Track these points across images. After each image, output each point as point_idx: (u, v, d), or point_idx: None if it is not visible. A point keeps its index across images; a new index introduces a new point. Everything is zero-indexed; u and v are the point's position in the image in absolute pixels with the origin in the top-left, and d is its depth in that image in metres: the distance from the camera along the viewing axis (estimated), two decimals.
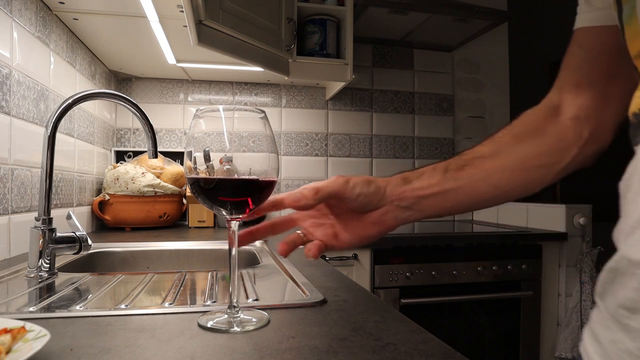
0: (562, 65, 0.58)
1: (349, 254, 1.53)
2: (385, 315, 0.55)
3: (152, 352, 0.42)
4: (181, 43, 1.52)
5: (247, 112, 0.50)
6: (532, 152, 0.53)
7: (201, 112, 0.49)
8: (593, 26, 0.53)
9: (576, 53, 0.56)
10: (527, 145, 0.53)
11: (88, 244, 0.82)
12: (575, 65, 0.55)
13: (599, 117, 0.54)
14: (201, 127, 0.49)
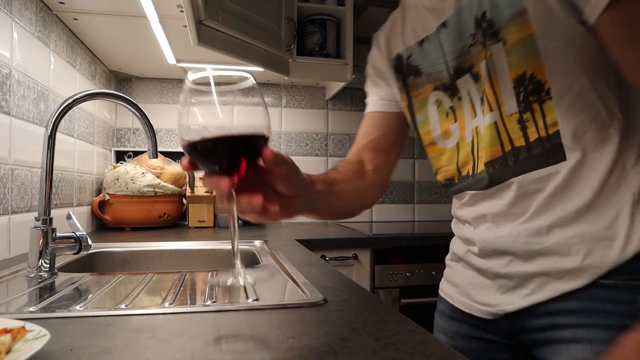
0: (361, 132, 0.84)
1: (349, 254, 1.53)
2: (385, 315, 0.55)
3: (152, 352, 0.42)
4: (181, 43, 1.52)
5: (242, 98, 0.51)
6: (359, 187, 0.77)
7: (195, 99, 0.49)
8: (381, 111, 0.82)
9: (372, 128, 0.83)
10: (357, 182, 0.77)
11: (88, 244, 0.82)
12: (373, 136, 0.82)
13: (386, 172, 0.83)
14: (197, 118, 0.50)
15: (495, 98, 0.62)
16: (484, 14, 0.60)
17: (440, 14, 0.67)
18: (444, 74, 0.71)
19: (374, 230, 1.78)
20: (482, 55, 0.62)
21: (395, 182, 2.27)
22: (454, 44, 0.66)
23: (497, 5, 0.58)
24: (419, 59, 0.74)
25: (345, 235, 1.59)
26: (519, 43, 0.57)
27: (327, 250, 1.50)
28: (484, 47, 0.61)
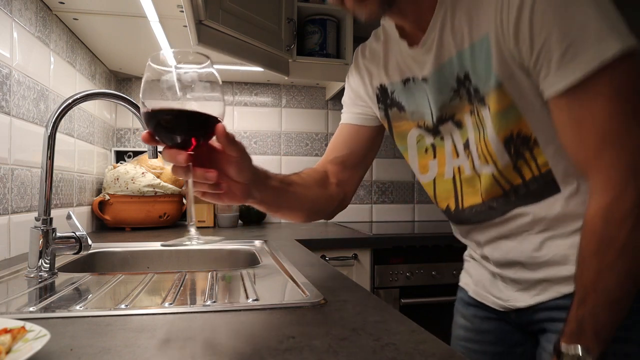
0: (332, 144, 0.88)
1: (349, 254, 1.53)
2: (385, 315, 0.55)
3: (152, 352, 0.42)
4: (181, 43, 1.52)
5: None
6: (319, 196, 0.82)
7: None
8: (355, 124, 0.84)
9: (342, 144, 0.86)
10: (317, 190, 0.81)
11: (88, 244, 0.82)
12: (342, 153, 0.86)
13: (349, 187, 0.87)
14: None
15: (489, 154, 0.67)
16: (466, 74, 0.64)
17: (422, 66, 0.69)
18: (427, 117, 0.74)
19: (374, 230, 1.78)
20: (466, 108, 0.67)
21: (395, 182, 2.27)
22: (436, 97, 0.70)
23: (478, 72, 0.62)
24: (403, 97, 0.76)
25: (345, 235, 1.60)
26: (502, 111, 0.61)
27: (327, 250, 1.50)
28: (470, 102, 0.66)
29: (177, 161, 0.56)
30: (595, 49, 0.49)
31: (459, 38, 0.63)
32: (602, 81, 0.50)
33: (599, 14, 0.49)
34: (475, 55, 0.62)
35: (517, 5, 0.53)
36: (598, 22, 0.49)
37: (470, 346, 0.84)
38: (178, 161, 0.56)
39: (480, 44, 0.60)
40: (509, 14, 0.55)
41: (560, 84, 0.53)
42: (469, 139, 0.70)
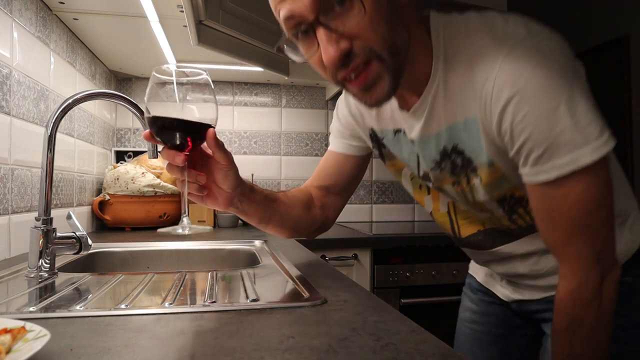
0: (319, 170, 0.92)
1: (349, 254, 1.53)
2: (385, 315, 0.55)
3: (152, 352, 0.42)
4: (181, 43, 1.52)
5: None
6: (301, 216, 0.87)
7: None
8: (339, 152, 0.88)
9: (329, 172, 0.90)
10: (300, 211, 0.86)
11: (88, 244, 0.82)
12: (328, 182, 0.90)
13: (332, 212, 0.92)
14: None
15: (483, 208, 0.72)
16: (455, 146, 0.66)
17: (410, 129, 0.71)
18: (414, 170, 0.78)
19: (374, 230, 1.78)
20: (447, 180, 0.72)
21: (395, 182, 2.27)
22: (423, 159, 0.73)
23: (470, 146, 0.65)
24: (393, 145, 0.79)
25: (345, 235, 1.60)
26: (495, 182, 0.66)
27: (327, 250, 1.50)
28: (452, 175, 0.70)
29: (175, 161, 0.65)
30: (569, 158, 0.54)
31: (450, 112, 0.64)
32: (573, 182, 0.55)
33: (575, 125, 0.53)
34: (467, 131, 0.63)
35: (502, 105, 0.56)
36: (574, 134, 0.53)
37: (476, 327, 0.93)
38: (175, 161, 0.64)
39: (472, 122, 0.62)
40: (492, 110, 0.57)
41: (536, 177, 0.57)
42: (454, 200, 0.77)
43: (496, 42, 0.57)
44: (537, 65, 0.54)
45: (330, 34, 0.55)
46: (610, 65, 2.94)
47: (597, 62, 3.05)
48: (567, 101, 0.53)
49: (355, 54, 0.57)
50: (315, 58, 0.60)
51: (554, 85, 0.53)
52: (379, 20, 0.56)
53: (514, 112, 0.55)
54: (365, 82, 0.59)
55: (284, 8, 0.57)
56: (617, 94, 2.90)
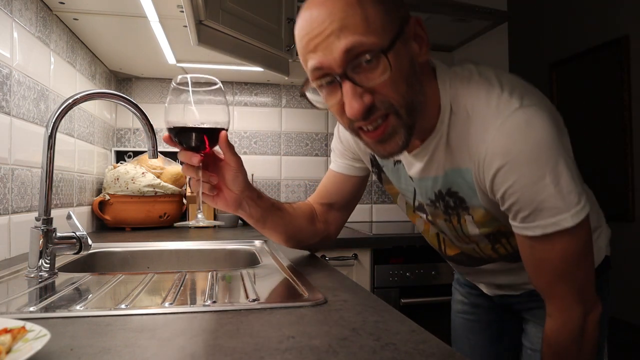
0: (322, 187, 0.97)
1: (349, 254, 1.53)
2: (385, 315, 0.55)
3: (152, 352, 0.42)
4: (181, 43, 1.52)
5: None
6: (305, 227, 0.92)
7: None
8: (341, 173, 0.93)
9: (331, 190, 0.95)
10: (303, 222, 0.92)
11: (88, 244, 0.81)
12: (331, 200, 0.95)
13: (335, 226, 0.98)
14: None
15: (469, 240, 0.79)
16: (450, 189, 0.72)
17: (409, 167, 0.76)
18: (409, 199, 0.85)
19: (374, 230, 1.78)
20: (440, 216, 0.78)
21: None
22: (419, 194, 0.79)
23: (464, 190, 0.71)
24: (391, 174, 0.84)
25: (345, 235, 1.59)
26: (487, 221, 0.73)
27: (327, 250, 1.50)
28: (445, 214, 0.77)
29: (191, 161, 0.71)
30: (553, 220, 0.61)
31: (448, 161, 0.69)
32: (556, 239, 0.62)
33: (558, 193, 0.59)
34: (463, 178, 0.69)
35: (493, 171, 0.62)
36: (557, 201, 0.60)
37: (468, 317, 1.04)
38: (192, 161, 0.71)
39: (467, 172, 0.68)
40: (484, 171, 0.63)
41: (523, 231, 0.64)
42: (445, 233, 0.83)
43: (492, 111, 0.62)
44: (526, 138, 0.59)
45: (356, 88, 0.59)
46: (610, 65, 2.94)
47: (597, 62, 3.05)
48: (552, 171, 0.59)
49: (376, 108, 0.60)
50: (336, 107, 0.63)
51: (541, 157, 0.59)
52: (400, 79, 0.60)
53: (503, 179, 0.61)
54: (381, 135, 0.62)
55: (314, 59, 0.60)
56: (617, 94, 2.90)
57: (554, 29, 3.42)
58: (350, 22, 0.57)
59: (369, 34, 0.57)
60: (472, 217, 0.73)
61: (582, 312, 0.66)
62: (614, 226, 0.96)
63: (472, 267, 0.90)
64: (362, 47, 0.57)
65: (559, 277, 0.65)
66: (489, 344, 1.00)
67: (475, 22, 1.94)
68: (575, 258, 0.64)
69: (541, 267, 0.66)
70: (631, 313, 2.67)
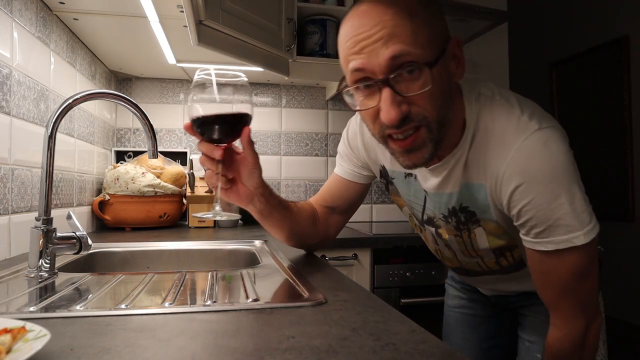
0: (325, 190, 0.97)
1: (349, 254, 1.53)
2: (385, 315, 0.55)
3: (152, 352, 0.42)
4: (181, 43, 1.52)
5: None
6: (306, 228, 0.93)
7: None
8: (346, 178, 0.93)
9: (335, 194, 0.95)
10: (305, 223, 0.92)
11: (88, 244, 0.81)
12: (334, 200, 0.95)
13: (335, 229, 0.99)
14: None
15: (475, 254, 0.82)
16: (462, 205, 0.74)
17: (425, 181, 0.77)
18: (417, 212, 0.86)
19: (374, 230, 1.78)
20: (450, 231, 0.80)
21: None
22: (431, 208, 0.80)
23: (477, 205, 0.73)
24: (401, 186, 0.85)
25: (345, 235, 1.59)
26: (497, 234, 0.76)
27: (327, 250, 1.50)
28: (456, 229, 0.79)
29: (213, 154, 0.70)
30: (566, 237, 0.63)
31: (465, 176, 0.71)
32: (566, 255, 0.65)
33: (573, 212, 0.62)
34: (477, 193, 0.71)
35: (511, 189, 0.64)
36: (571, 220, 0.62)
37: (465, 311, 1.05)
38: (213, 154, 0.70)
39: (479, 187, 0.70)
40: (502, 188, 0.66)
41: (535, 246, 0.67)
42: (451, 247, 0.85)
43: (511, 131, 0.65)
44: (545, 159, 0.62)
45: (395, 96, 0.59)
46: (610, 65, 2.94)
47: (597, 62, 3.05)
48: (567, 191, 0.62)
49: (410, 119, 0.61)
50: (371, 112, 0.63)
51: (558, 177, 0.62)
52: (438, 94, 0.61)
53: (521, 196, 0.64)
54: (410, 145, 0.63)
55: (357, 61, 0.60)
56: (617, 94, 2.90)
57: (554, 29, 3.41)
58: (399, 32, 0.58)
59: (416, 46, 0.58)
60: (484, 228, 0.75)
61: (585, 322, 0.70)
62: (614, 226, 0.97)
63: (470, 277, 0.92)
64: (408, 57, 0.58)
65: (565, 290, 0.68)
66: (484, 338, 1.02)
67: (475, 22, 1.94)
68: (582, 273, 0.66)
69: (548, 280, 0.69)
70: (631, 313, 2.67)
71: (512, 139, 0.64)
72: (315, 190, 2.14)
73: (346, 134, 0.92)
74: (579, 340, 0.70)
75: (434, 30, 0.61)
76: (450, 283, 1.12)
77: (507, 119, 0.66)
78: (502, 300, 0.96)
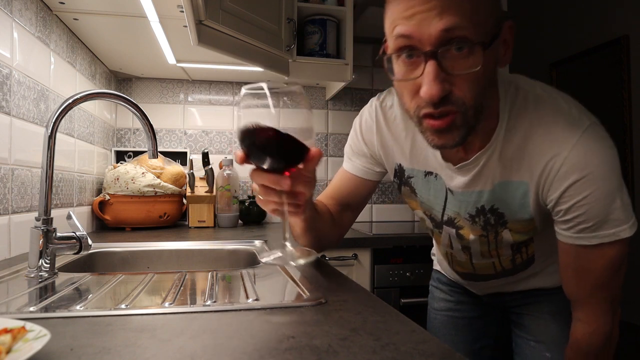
0: (335, 187, 0.92)
1: (349, 253, 1.53)
2: (385, 315, 0.55)
3: (152, 352, 0.42)
4: (181, 43, 1.52)
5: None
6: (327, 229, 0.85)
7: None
8: (355, 175, 0.89)
9: (345, 189, 0.91)
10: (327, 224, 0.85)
11: (88, 244, 0.81)
12: (345, 198, 0.91)
13: (346, 227, 0.94)
14: None
15: (496, 254, 0.81)
16: (493, 206, 0.72)
17: (451, 180, 0.74)
18: (436, 212, 0.82)
19: (374, 230, 1.78)
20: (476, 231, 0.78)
21: None
22: (455, 207, 0.77)
23: (509, 204, 0.71)
24: (419, 185, 0.81)
25: (345, 235, 1.59)
26: (523, 232, 0.75)
27: (327, 250, 1.50)
28: (483, 229, 0.76)
29: (281, 185, 0.58)
30: (613, 231, 0.63)
31: (498, 174, 0.69)
32: (607, 248, 0.65)
33: (623, 206, 0.63)
34: (512, 191, 0.69)
35: (568, 183, 0.63)
36: (621, 214, 0.63)
37: (452, 314, 1.02)
38: (282, 185, 0.58)
39: (517, 186, 0.68)
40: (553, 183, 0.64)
41: (577, 241, 0.66)
42: (470, 248, 0.82)
43: (562, 127, 0.63)
44: (602, 154, 0.62)
45: (440, 72, 0.55)
46: (610, 65, 2.94)
47: (597, 62, 3.05)
48: (619, 186, 0.62)
49: (449, 101, 0.58)
50: (410, 85, 0.59)
51: (614, 172, 0.62)
52: (482, 77, 0.58)
53: (577, 191, 0.62)
54: (443, 126, 0.60)
55: (405, 26, 0.56)
56: (617, 93, 2.90)
57: (554, 29, 3.41)
58: (458, 5, 0.54)
59: (472, 23, 0.55)
60: (510, 229, 0.75)
61: (612, 316, 0.71)
62: None
63: (476, 282, 0.91)
64: (462, 32, 0.54)
65: (599, 285, 0.69)
66: (472, 340, 1.00)
67: None
68: (618, 266, 0.67)
69: (583, 275, 0.69)
70: (631, 313, 2.67)
71: (566, 134, 0.62)
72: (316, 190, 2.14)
73: (359, 127, 0.85)
74: (608, 334, 0.70)
75: (493, 10, 0.58)
76: (435, 285, 1.07)
77: (553, 114, 0.64)
78: (495, 299, 0.95)
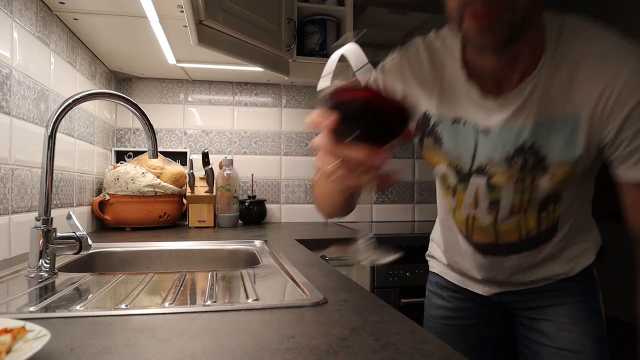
0: None
1: None
2: (385, 315, 0.55)
3: (152, 352, 0.42)
4: (181, 43, 1.52)
5: None
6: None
7: None
8: None
9: None
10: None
11: (88, 244, 0.82)
12: None
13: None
14: None
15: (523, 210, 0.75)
16: (533, 144, 0.67)
17: (487, 118, 0.69)
18: (464, 162, 0.75)
19: (374, 230, 1.78)
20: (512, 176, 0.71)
21: (396, 182, 2.27)
22: (488, 152, 0.71)
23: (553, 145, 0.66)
24: (446, 134, 0.75)
25: (345, 235, 1.59)
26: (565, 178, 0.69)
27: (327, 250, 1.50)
28: (520, 172, 0.70)
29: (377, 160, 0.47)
30: None
31: (544, 108, 0.65)
32: None
33: None
34: (554, 130, 0.65)
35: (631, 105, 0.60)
36: None
37: (450, 322, 0.96)
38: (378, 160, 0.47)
39: (564, 121, 0.65)
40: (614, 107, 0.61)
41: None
42: (500, 201, 0.75)
43: (617, 50, 0.61)
44: None
45: None
46: None
47: None
48: None
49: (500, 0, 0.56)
50: None
51: None
52: None
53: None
54: (487, 23, 0.57)
55: None
56: None
57: None
58: None
59: None
60: (552, 176, 0.69)
61: None
62: (613, 226, 0.96)
63: (495, 256, 0.82)
64: None
65: None
66: (472, 347, 0.95)
67: None
68: None
69: None
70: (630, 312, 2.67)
71: (622, 60, 0.61)
72: None
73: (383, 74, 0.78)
74: None
75: None
76: (433, 290, 1.00)
77: (604, 43, 0.63)
78: (503, 299, 0.88)
